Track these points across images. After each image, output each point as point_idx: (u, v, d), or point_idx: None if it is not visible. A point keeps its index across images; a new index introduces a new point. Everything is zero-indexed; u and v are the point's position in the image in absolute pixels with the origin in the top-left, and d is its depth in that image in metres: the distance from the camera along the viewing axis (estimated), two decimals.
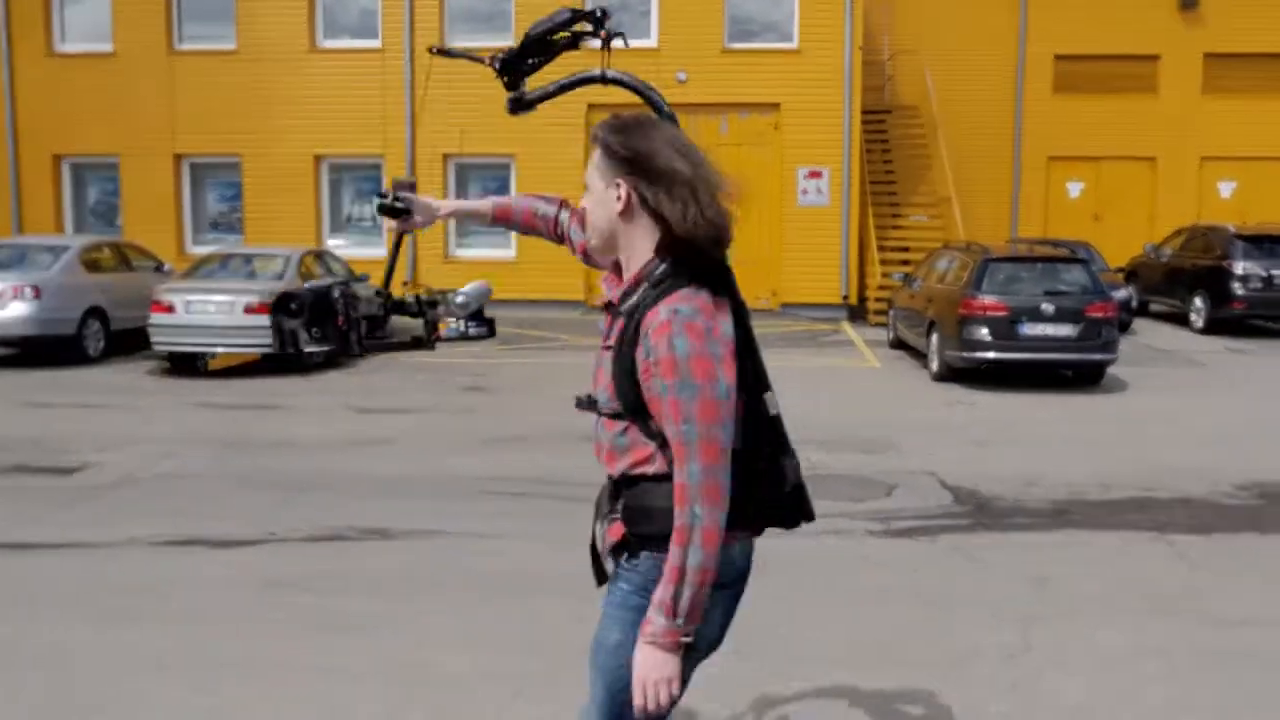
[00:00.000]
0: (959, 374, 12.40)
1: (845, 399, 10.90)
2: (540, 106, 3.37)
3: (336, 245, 19.46)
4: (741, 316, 2.31)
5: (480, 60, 3.44)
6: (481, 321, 2.92)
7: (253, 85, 19.49)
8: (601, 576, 2.46)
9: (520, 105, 3.36)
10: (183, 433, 9.44)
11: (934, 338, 12.67)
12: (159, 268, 15.21)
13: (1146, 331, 17.29)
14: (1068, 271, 12.55)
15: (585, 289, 19.43)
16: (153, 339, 12.62)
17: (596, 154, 2.31)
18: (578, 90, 3.41)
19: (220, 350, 12.72)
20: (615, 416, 2.28)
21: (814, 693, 4.28)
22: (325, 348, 2.86)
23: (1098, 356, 12.01)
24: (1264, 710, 4.17)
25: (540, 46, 3.26)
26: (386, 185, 2.72)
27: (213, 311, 12.32)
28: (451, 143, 19.27)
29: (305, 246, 15.31)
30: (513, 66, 3.29)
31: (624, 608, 2.31)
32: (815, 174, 19.07)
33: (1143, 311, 19.20)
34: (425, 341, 2.90)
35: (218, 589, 5.50)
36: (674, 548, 2.15)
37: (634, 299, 2.25)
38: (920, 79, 21.75)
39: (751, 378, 2.31)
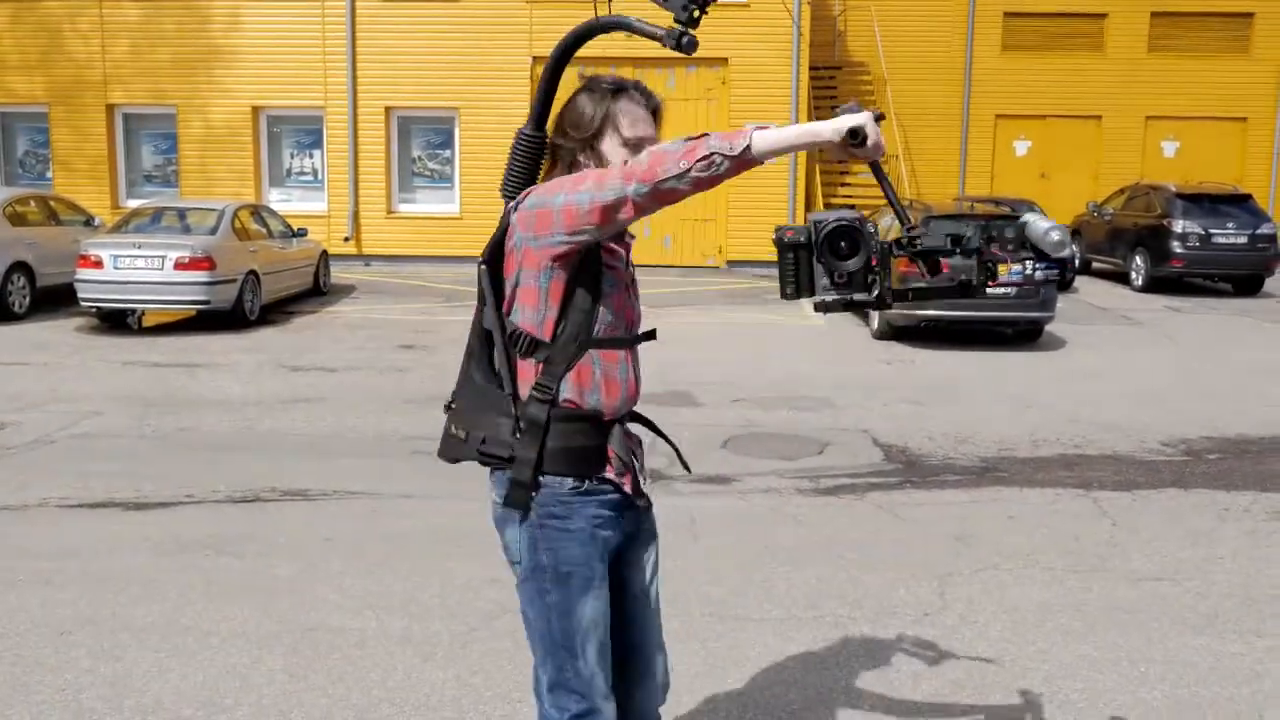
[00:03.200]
0: (900, 332, 12.42)
1: (786, 356, 10.88)
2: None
3: (277, 200, 19.08)
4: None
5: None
6: (1051, 263, 2.39)
7: (188, 35, 18.95)
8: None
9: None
10: (107, 391, 9.21)
11: None
12: (89, 222, 14.80)
13: (1087, 289, 17.44)
14: (1007, 230, 12.53)
15: None
16: (80, 295, 12.25)
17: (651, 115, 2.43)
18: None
19: (150, 307, 12.42)
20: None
21: (729, 649, 4.25)
22: (846, 296, 2.29)
23: (1035, 314, 12.06)
24: (1173, 662, 4.20)
25: None
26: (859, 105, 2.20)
27: (142, 267, 12.00)
28: (393, 95, 18.91)
29: (241, 200, 14.95)
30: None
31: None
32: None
33: (1085, 269, 19.37)
34: (975, 287, 2.37)
35: (127, 552, 5.36)
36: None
37: None
38: (870, 35, 21.64)
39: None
